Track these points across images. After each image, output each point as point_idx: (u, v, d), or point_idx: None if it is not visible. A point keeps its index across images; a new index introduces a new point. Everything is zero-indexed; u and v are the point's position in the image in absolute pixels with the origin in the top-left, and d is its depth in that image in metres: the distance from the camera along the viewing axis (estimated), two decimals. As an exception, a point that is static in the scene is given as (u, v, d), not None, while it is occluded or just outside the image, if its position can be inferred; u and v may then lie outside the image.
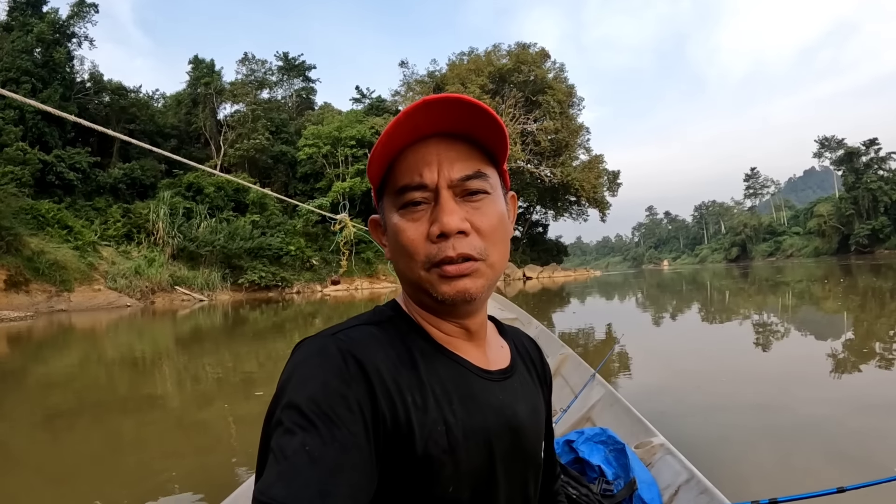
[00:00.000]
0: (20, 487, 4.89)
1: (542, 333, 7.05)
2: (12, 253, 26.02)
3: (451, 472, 0.84)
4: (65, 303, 26.62)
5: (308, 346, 0.85)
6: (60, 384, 9.86)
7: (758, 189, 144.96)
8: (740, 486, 3.69)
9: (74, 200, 36.36)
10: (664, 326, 14.42)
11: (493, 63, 58.12)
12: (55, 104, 36.77)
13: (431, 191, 0.88)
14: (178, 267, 34.68)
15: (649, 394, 6.75)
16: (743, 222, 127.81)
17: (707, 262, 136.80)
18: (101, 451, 5.92)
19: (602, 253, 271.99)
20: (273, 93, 60.15)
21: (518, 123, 56.55)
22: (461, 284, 0.88)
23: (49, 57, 38.90)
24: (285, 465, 0.70)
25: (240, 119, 49.59)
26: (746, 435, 5.03)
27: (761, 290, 25.61)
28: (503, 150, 0.93)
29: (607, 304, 24.47)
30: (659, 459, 2.70)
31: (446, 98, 0.84)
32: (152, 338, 17.49)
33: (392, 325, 0.94)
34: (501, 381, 0.99)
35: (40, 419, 7.42)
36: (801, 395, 6.24)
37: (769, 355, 9.27)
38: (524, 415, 0.99)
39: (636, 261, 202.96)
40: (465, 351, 0.97)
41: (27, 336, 17.42)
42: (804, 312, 15.73)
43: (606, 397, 3.79)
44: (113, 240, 34.58)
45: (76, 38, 42.18)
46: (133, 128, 45.18)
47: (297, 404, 0.75)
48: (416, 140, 0.89)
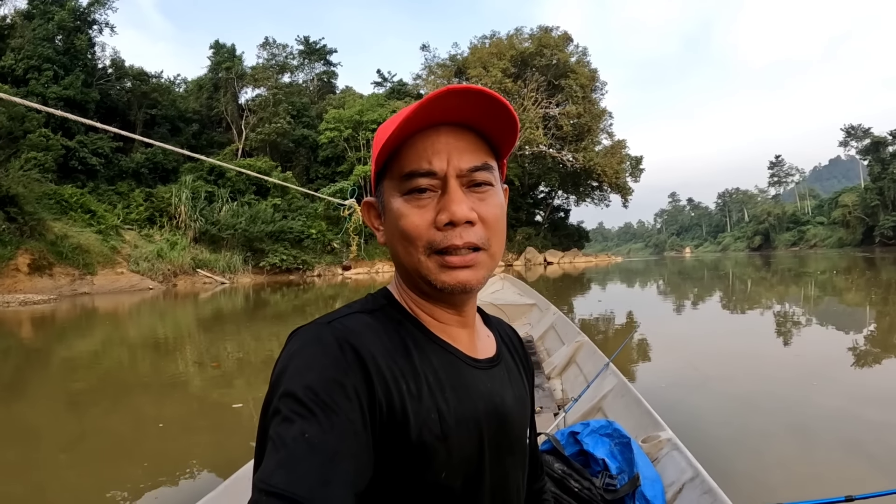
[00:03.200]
0: (43, 465, 4.90)
1: (560, 320, 7.15)
2: (36, 237, 26.17)
3: (444, 458, 0.85)
4: (88, 286, 26.74)
5: (304, 335, 0.85)
6: (83, 365, 9.98)
7: (782, 177, 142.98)
8: (748, 486, 3.65)
9: (97, 185, 36.62)
10: (684, 315, 14.25)
11: (515, 47, 57.61)
12: (77, 90, 37.18)
13: (440, 179, 0.88)
14: (200, 250, 34.87)
15: (662, 384, 6.65)
16: (766, 211, 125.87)
17: (729, 251, 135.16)
18: (121, 431, 5.94)
19: (624, 239, 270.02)
20: (294, 77, 60.37)
21: (540, 107, 56.20)
22: (462, 276, 0.89)
23: (70, 44, 39.06)
24: (285, 452, 0.70)
25: (261, 103, 49.88)
26: (762, 431, 4.90)
27: (783, 281, 25.18)
28: (510, 144, 0.95)
29: (628, 290, 24.32)
30: (665, 455, 2.67)
31: (470, 89, 0.84)
32: (174, 320, 17.56)
33: (385, 313, 0.94)
34: (489, 368, 1.00)
35: (63, 399, 7.54)
36: (820, 393, 6.03)
37: (788, 350, 8.95)
38: (511, 402, 1.00)
39: (658, 247, 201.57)
40: (457, 339, 0.98)
41: (51, 319, 17.46)
42: (826, 304, 15.38)
43: (618, 387, 3.77)
44: (136, 223, 34.73)
45: (97, 25, 42.31)
46: (155, 113, 45.54)
47: (294, 393, 0.76)
48: (426, 127, 0.89)
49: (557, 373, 5.42)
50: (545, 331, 7.24)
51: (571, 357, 5.37)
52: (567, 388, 5.02)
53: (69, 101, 37.24)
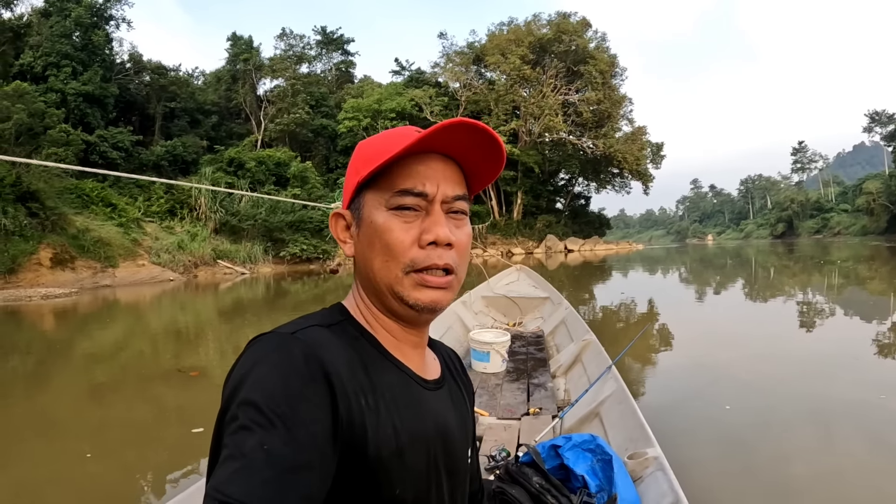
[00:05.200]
0: (65, 456, 4.96)
1: (571, 316, 7.07)
2: (57, 232, 26.27)
3: (399, 474, 0.86)
4: (109, 278, 26.82)
5: (266, 343, 0.84)
6: (105, 356, 10.01)
7: (805, 164, 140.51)
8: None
9: (118, 178, 36.59)
10: (703, 307, 14.11)
11: (534, 33, 56.87)
12: (96, 85, 37.39)
13: (427, 202, 0.92)
14: (221, 241, 34.83)
15: (665, 386, 6.60)
16: (789, 198, 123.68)
17: (752, 238, 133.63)
18: (143, 421, 6.02)
19: (645, 226, 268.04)
20: (312, 67, 60.28)
21: (559, 94, 55.70)
22: (436, 295, 0.93)
23: (88, 40, 39.05)
24: (242, 462, 0.69)
25: (279, 94, 49.89)
26: (763, 444, 4.63)
27: (806, 269, 24.73)
28: (484, 185, 1.01)
29: (649, 278, 24.06)
30: (650, 475, 2.60)
31: (477, 126, 0.89)
32: (195, 310, 17.62)
33: (342, 328, 0.95)
34: (435, 390, 1.02)
35: (85, 390, 7.64)
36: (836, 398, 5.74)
37: (806, 346, 8.71)
38: (454, 424, 1.02)
39: (680, 234, 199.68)
40: (409, 358, 1.00)
41: (73, 311, 17.49)
42: (851, 294, 15.04)
43: (617, 393, 3.70)
44: (156, 216, 34.82)
45: (114, 21, 42.40)
46: (174, 106, 45.67)
47: (255, 402, 0.74)
48: (420, 152, 0.93)
49: (563, 371, 5.36)
50: (556, 326, 7.16)
51: (577, 356, 5.29)
52: (570, 388, 4.95)
53: (88, 97, 37.45)
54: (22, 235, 24.49)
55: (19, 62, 36.41)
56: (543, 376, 5.10)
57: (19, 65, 36.34)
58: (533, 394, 4.61)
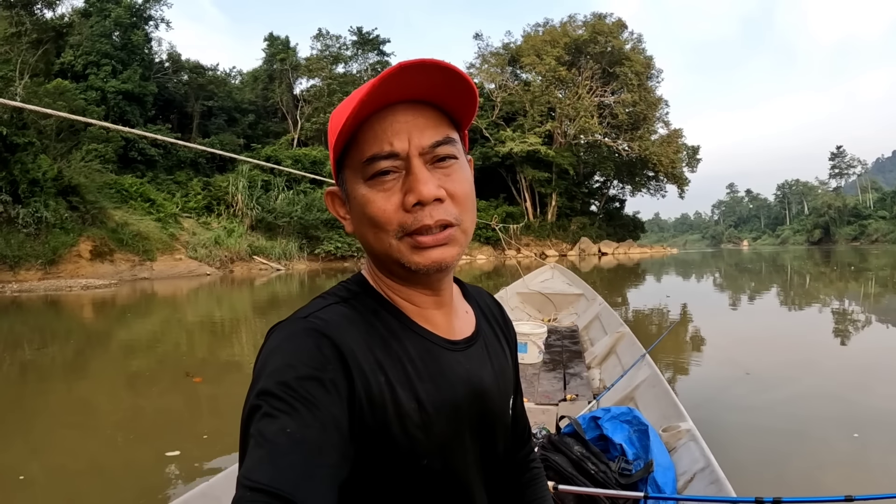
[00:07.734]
0: (101, 443, 5.00)
1: (605, 311, 7.14)
2: (97, 225, 26.86)
3: (425, 446, 0.86)
4: (147, 271, 27.30)
5: (281, 331, 0.84)
6: (142, 347, 10.10)
7: (843, 169, 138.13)
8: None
9: (156, 175, 37.35)
10: (737, 311, 13.94)
11: (569, 34, 56.62)
12: (135, 84, 38.03)
13: (402, 160, 0.85)
14: (257, 237, 35.27)
15: (695, 377, 6.65)
16: (827, 203, 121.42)
17: (788, 244, 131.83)
18: (178, 411, 6.07)
19: (680, 230, 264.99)
20: (348, 67, 60.49)
21: (595, 96, 55.50)
22: (435, 254, 0.87)
23: (127, 40, 39.81)
24: (267, 448, 0.71)
25: (315, 93, 50.48)
26: (784, 434, 4.69)
27: (843, 277, 24.20)
28: (471, 115, 0.93)
29: (683, 283, 23.79)
30: (682, 445, 2.74)
31: (423, 62, 0.81)
32: (230, 304, 17.78)
33: (360, 301, 0.93)
34: (466, 349, 0.99)
35: (122, 379, 7.67)
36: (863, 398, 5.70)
37: (837, 353, 8.43)
38: (490, 379, 1.00)
39: (715, 239, 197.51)
40: (434, 322, 0.97)
41: (111, 302, 17.76)
42: (888, 302, 14.70)
43: (651, 378, 3.82)
44: (194, 211, 35.35)
45: (153, 21, 43.16)
46: (211, 104, 46.35)
47: (273, 389, 0.76)
48: (383, 107, 0.86)
49: (598, 362, 5.46)
50: (590, 321, 7.25)
51: (612, 347, 5.39)
52: (605, 377, 5.06)
53: (127, 95, 38.19)
54: (63, 228, 25.02)
55: (60, 61, 37.05)
56: (579, 366, 5.21)
57: (60, 63, 36.98)
58: (569, 382, 4.69)
